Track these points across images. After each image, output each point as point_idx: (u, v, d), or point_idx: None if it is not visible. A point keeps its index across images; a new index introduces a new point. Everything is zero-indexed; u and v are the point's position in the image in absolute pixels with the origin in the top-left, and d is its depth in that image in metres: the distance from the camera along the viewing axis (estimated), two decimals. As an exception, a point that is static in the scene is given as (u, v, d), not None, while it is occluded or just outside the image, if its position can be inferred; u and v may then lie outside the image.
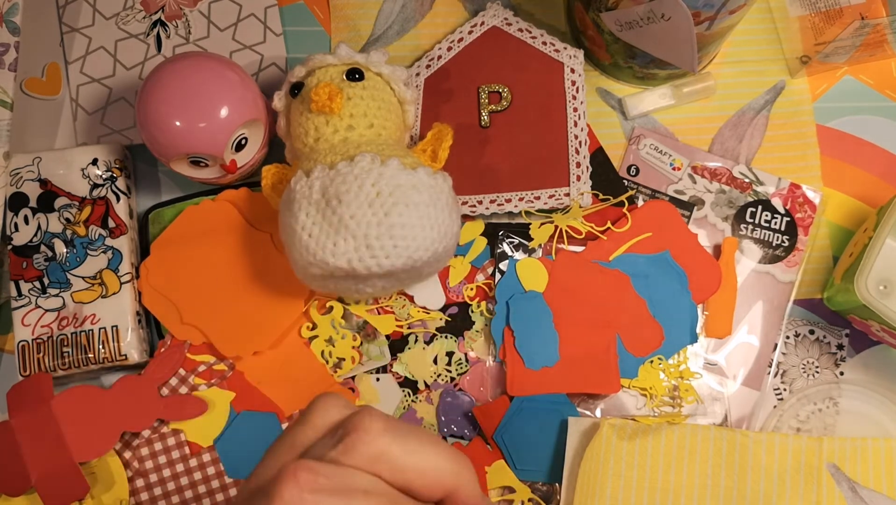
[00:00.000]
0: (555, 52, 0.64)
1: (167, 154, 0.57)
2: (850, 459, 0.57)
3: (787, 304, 0.62)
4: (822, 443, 0.57)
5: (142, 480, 0.58)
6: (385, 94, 0.57)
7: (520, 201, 0.62)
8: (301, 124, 0.55)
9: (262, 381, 0.60)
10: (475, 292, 0.62)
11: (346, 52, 0.56)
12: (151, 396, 0.58)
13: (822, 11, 0.65)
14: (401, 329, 0.61)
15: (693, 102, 0.66)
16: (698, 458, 0.57)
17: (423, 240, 0.51)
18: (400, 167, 0.51)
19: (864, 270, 0.56)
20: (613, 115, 0.66)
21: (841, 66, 0.66)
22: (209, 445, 0.58)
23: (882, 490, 0.56)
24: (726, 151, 0.65)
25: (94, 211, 0.61)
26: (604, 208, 0.63)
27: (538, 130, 0.63)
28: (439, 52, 0.65)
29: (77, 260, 0.60)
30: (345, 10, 0.68)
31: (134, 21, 0.67)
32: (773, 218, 0.63)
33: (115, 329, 0.59)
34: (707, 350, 0.62)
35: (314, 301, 0.61)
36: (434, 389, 0.61)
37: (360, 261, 0.50)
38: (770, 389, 0.62)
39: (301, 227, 0.51)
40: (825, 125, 0.66)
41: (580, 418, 0.58)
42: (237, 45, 0.67)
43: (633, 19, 0.56)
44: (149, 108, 0.55)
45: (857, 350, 0.62)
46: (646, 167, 0.64)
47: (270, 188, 0.57)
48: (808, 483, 0.56)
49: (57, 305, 0.59)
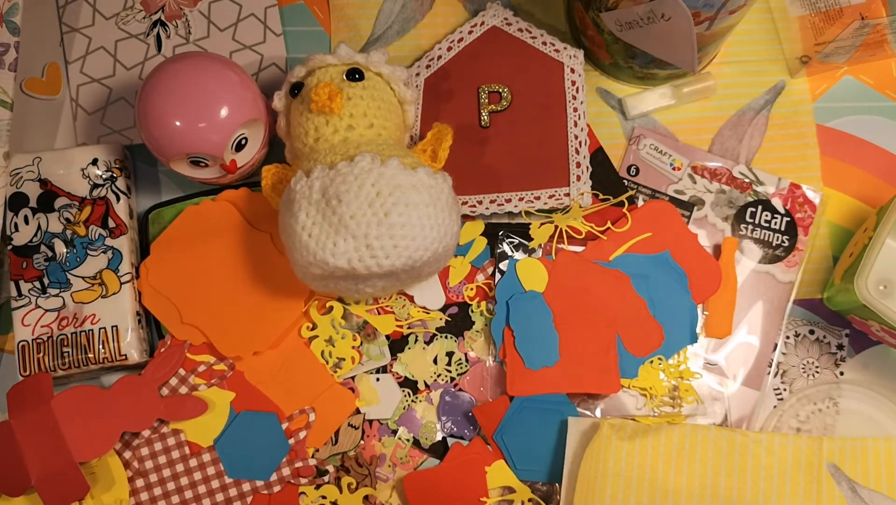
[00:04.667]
0: (555, 52, 0.64)
1: (167, 154, 0.57)
2: (850, 459, 0.57)
3: (787, 304, 0.62)
4: (822, 443, 0.57)
5: (142, 480, 0.58)
6: (385, 94, 0.57)
7: (520, 201, 0.62)
8: (301, 124, 0.55)
9: (262, 381, 0.60)
10: (475, 292, 0.62)
11: (346, 52, 0.56)
12: (151, 396, 0.58)
13: (822, 11, 0.65)
14: (401, 329, 0.61)
15: (693, 102, 0.66)
16: (698, 458, 0.57)
17: (423, 240, 0.51)
18: (400, 167, 0.51)
19: (864, 270, 0.56)
20: (613, 115, 0.66)
21: (841, 66, 0.66)
22: (209, 445, 0.59)
23: (882, 490, 0.56)
24: (726, 151, 0.65)
25: (94, 211, 0.61)
26: (604, 208, 0.63)
27: (538, 130, 0.63)
28: (439, 52, 0.65)
29: (77, 260, 0.60)
30: (345, 10, 0.68)
31: (134, 21, 0.67)
32: (773, 218, 0.63)
33: (115, 329, 0.59)
34: (707, 350, 0.62)
35: (314, 301, 0.61)
36: (434, 389, 0.61)
37: (360, 261, 0.50)
38: (770, 389, 0.62)
39: (301, 228, 0.51)
40: (825, 125, 0.66)
41: (580, 418, 0.58)
42: (237, 45, 0.67)
43: (633, 19, 0.56)
44: (149, 108, 0.55)
45: (857, 350, 0.62)
46: (646, 167, 0.64)
47: (270, 188, 0.57)
48: (808, 483, 0.56)
49: (57, 305, 0.59)
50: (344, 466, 0.60)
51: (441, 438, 0.60)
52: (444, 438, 0.60)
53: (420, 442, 0.60)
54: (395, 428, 0.60)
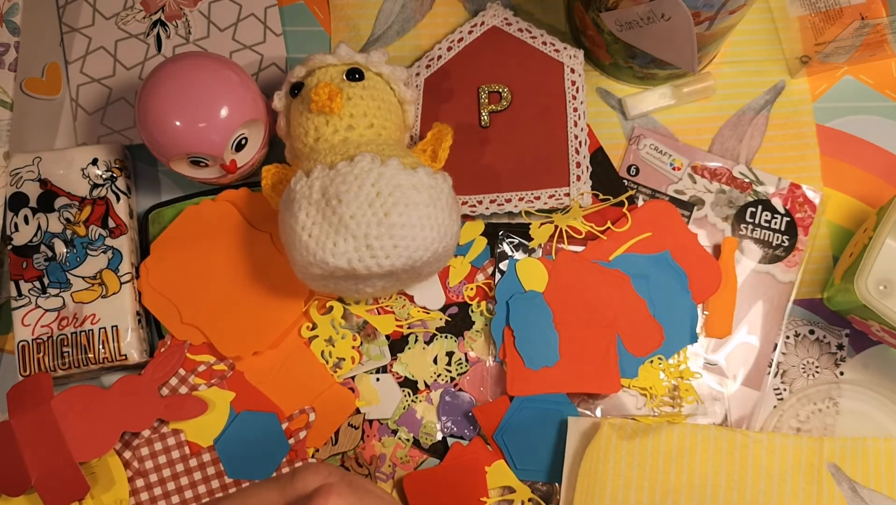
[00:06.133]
0: (555, 52, 0.64)
1: (167, 154, 0.57)
2: (850, 459, 0.57)
3: (787, 304, 0.62)
4: (823, 443, 0.57)
5: (142, 480, 0.58)
6: (385, 94, 0.57)
7: (520, 201, 0.62)
8: (301, 124, 0.55)
9: (262, 381, 0.60)
10: (475, 292, 0.62)
11: (346, 52, 0.56)
12: (151, 396, 0.58)
13: (822, 11, 0.65)
14: (401, 329, 0.61)
15: (693, 102, 0.66)
16: (698, 458, 0.57)
17: (423, 240, 0.51)
18: (400, 167, 0.51)
19: (864, 270, 0.56)
20: (613, 115, 0.66)
21: (841, 66, 0.66)
22: (209, 445, 0.58)
23: (882, 490, 0.56)
24: (726, 151, 0.65)
25: (94, 211, 0.61)
26: (604, 208, 0.63)
27: (538, 130, 0.63)
28: (439, 52, 0.65)
29: (77, 260, 0.60)
30: (345, 10, 0.68)
31: (134, 21, 0.67)
32: (773, 218, 0.63)
33: (115, 329, 0.59)
34: (707, 350, 0.62)
35: (314, 301, 0.61)
36: (434, 388, 0.61)
37: (360, 261, 0.50)
38: (770, 389, 0.62)
39: (301, 227, 0.51)
40: (825, 125, 0.66)
41: (580, 418, 0.58)
42: (237, 45, 0.66)
43: (633, 19, 0.56)
44: (149, 108, 0.55)
45: (857, 350, 0.62)
46: (646, 167, 0.64)
47: (270, 188, 0.57)
48: (808, 483, 0.56)
49: (57, 305, 0.59)
50: (344, 466, 0.60)
51: (441, 438, 0.60)
52: (444, 438, 0.60)
53: (420, 442, 0.60)
54: (395, 428, 0.60)
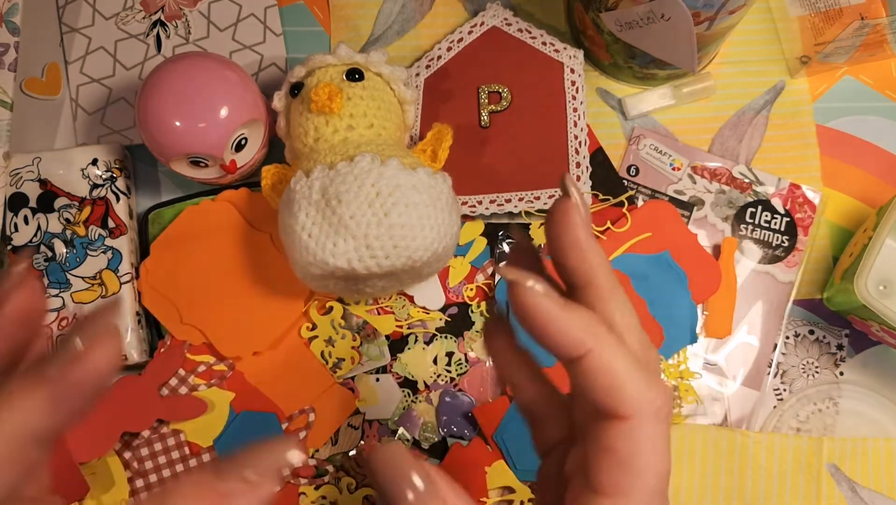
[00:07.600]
0: (555, 52, 0.64)
1: (167, 154, 0.57)
2: (850, 459, 0.57)
3: (786, 304, 0.62)
4: (822, 443, 0.57)
5: (142, 481, 0.58)
6: (385, 95, 0.57)
7: (520, 201, 0.62)
8: (301, 124, 0.55)
9: (262, 381, 0.60)
10: (475, 292, 0.62)
11: (346, 52, 0.56)
12: (151, 396, 0.58)
13: (821, 11, 0.65)
14: (401, 329, 0.61)
15: (693, 102, 0.66)
16: (698, 458, 0.57)
17: (423, 240, 0.51)
18: (400, 167, 0.51)
19: (863, 270, 0.56)
20: (613, 115, 0.66)
21: (841, 66, 0.66)
22: (209, 445, 0.59)
23: (882, 490, 0.56)
24: (726, 151, 0.65)
25: (94, 211, 0.61)
26: (604, 208, 0.63)
27: (538, 130, 0.63)
28: (439, 52, 0.65)
29: (77, 260, 0.60)
30: (345, 10, 0.68)
31: (134, 21, 0.67)
32: (773, 218, 0.63)
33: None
34: (707, 350, 0.62)
35: (314, 301, 0.61)
36: (434, 389, 0.61)
37: (360, 261, 0.50)
38: (770, 389, 0.62)
39: (301, 228, 0.51)
40: (825, 125, 0.66)
41: (580, 418, 0.58)
42: (237, 45, 0.66)
43: (633, 19, 0.56)
44: (149, 108, 0.55)
45: (857, 350, 0.62)
46: (646, 167, 0.64)
47: (270, 188, 0.57)
48: (808, 483, 0.56)
49: (57, 306, 0.59)
50: (344, 467, 0.60)
51: (441, 438, 0.60)
52: (444, 439, 0.60)
53: (420, 442, 0.60)
54: (395, 428, 0.60)
